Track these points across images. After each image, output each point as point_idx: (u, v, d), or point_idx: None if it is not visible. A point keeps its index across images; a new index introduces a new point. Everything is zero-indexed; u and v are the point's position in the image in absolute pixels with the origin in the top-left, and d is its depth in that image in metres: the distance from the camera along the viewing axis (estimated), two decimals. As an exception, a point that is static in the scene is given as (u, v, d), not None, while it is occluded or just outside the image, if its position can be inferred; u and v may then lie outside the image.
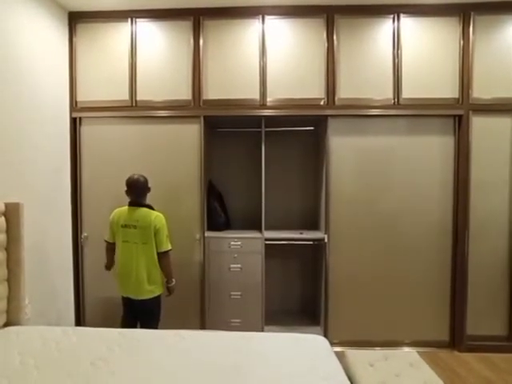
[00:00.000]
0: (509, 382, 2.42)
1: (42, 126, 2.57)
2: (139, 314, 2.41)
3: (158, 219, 2.32)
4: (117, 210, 2.41)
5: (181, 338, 1.87)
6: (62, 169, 2.83)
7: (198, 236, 2.88)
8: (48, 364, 1.60)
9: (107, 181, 2.90)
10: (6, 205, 2.04)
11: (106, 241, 2.46)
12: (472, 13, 2.76)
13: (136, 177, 2.37)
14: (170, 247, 2.37)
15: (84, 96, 2.91)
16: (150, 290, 2.33)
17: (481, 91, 2.78)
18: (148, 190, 2.41)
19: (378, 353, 2.04)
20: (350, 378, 1.69)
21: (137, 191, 2.35)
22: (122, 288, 2.40)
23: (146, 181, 2.40)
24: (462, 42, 2.79)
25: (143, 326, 2.35)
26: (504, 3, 2.72)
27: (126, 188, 2.36)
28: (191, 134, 2.87)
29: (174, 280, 2.42)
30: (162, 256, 2.35)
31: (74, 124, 2.92)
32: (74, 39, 2.90)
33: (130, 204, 2.36)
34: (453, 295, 2.87)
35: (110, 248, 2.46)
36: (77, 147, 2.92)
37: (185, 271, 2.88)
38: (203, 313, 2.89)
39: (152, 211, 2.36)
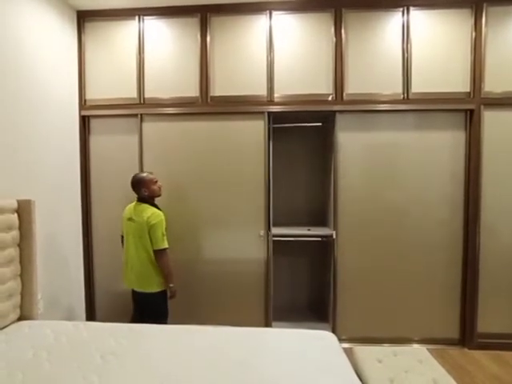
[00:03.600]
0: (520, 380, 2.39)
1: (52, 124, 2.61)
2: (142, 307, 2.44)
3: (154, 216, 2.30)
4: (128, 205, 2.49)
5: (189, 333, 1.89)
6: (71, 166, 2.87)
7: (262, 232, 2.87)
8: (60, 357, 1.63)
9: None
10: (18, 202, 2.08)
11: (120, 235, 2.56)
12: (484, 4, 2.70)
13: (135, 175, 2.44)
14: (165, 245, 2.33)
15: (93, 94, 2.94)
16: (149, 284, 2.35)
17: (493, 85, 2.73)
18: (141, 186, 2.38)
19: (386, 349, 2.03)
20: (358, 374, 1.68)
21: (133, 187, 2.41)
22: (123, 279, 2.47)
23: (141, 177, 2.40)
24: (473, 35, 2.73)
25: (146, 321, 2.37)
26: (517, -6, 2.66)
27: None
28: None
29: (172, 284, 2.37)
30: (158, 254, 2.31)
31: (83, 122, 2.95)
32: (82, 38, 2.92)
33: (137, 200, 2.43)
34: (463, 292, 2.84)
35: (122, 241, 2.53)
36: (86, 145, 2.96)
37: (247, 267, 2.89)
38: (267, 309, 2.89)
39: (150, 208, 2.35)
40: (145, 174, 2.42)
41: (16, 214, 2.06)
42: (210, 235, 2.91)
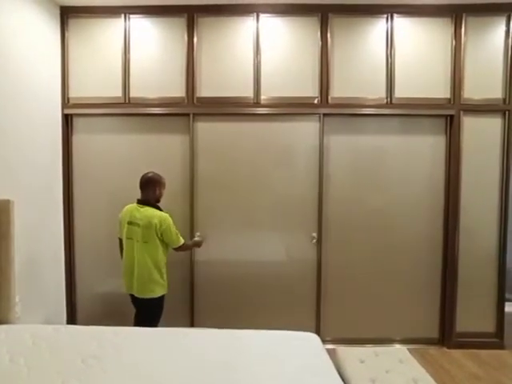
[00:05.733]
0: (495, 377, 2.47)
1: (34, 123, 2.54)
2: (139, 310, 2.41)
3: (163, 221, 2.29)
4: (126, 207, 2.43)
5: (172, 336, 1.87)
6: (53, 166, 2.79)
7: (314, 234, 2.87)
8: (38, 362, 1.59)
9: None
10: (-4, 202, 2.01)
11: (118, 238, 2.49)
12: (464, 14, 2.79)
13: (145, 174, 2.39)
14: (182, 241, 2.40)
15: (76, 92, 2.87)
16: (151, 289, 2.32)
17: (472, 92, 2.82)
18: (155, 186, 2.37)
19: (368, 350, 2.07)
20: (341, 375, 1.71)
21: (142, 188, 2.38)
22: (125, 285, 2.41)
23: (152, 177, 2.38)
24: (453, 43, 2.81)
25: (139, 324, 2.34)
26: (494, 5, 2.75)
27: None
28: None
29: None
30: (178, 249, 2.43)
31: (66, 120, 2.88)
32: (66, 34, 2.85)
33: (138, 202, 2.37)
34: (443, 293, 2.92)
35: (121, 244, 2.47)
36: (69, 144, 2.89)
37: (299, 270, 2.90)
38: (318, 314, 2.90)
39: (156, 212, 2.32)
40: (151, 176, 2.38)
41: (-7, 215, 2.00)
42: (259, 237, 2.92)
